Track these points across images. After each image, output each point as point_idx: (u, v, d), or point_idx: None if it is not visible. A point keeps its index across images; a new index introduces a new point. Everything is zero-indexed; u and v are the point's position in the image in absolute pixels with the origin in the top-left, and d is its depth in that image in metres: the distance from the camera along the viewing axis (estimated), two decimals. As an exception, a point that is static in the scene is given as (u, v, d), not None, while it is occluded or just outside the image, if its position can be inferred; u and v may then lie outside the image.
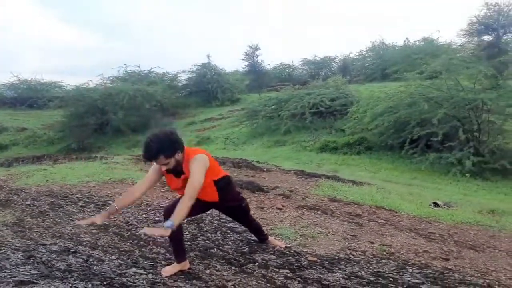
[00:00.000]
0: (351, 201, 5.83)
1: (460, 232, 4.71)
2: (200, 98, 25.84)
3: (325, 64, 35.28)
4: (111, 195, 5.16)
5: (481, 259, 3.87)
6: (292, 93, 17.76)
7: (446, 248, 4.09)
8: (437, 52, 23.14)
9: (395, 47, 28.63)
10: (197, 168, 2.84)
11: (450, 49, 24.28)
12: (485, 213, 5.57)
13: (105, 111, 20.10)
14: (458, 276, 3.41)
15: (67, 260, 3.05)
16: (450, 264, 3.69)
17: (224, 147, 16.18)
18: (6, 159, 8.64)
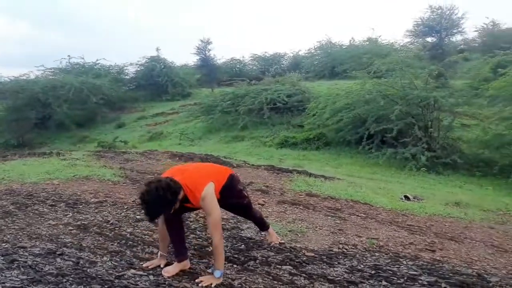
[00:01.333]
0: (328, 195, 5.89)
1: (436, 224, 4.90)
2: (149, 92, 25.04)
3: (275, 60, 35.50)
4: (79, 193, 4.81)
5: (463, 249, 4.04)
6: (248, 89, 17.71)
7: (429, 240, 4.23)
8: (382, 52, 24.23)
9: (342, 46, 29.44)
10: (210, 204, 2.79)
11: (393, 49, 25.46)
12: (451, 206, 5.86)
13: (47, 104, 18.82)
14: (448, 267, 3.52)
15: (55, 263, 2.82)
16: (438, 255, 3.81)
17: (179, 142, 15.81)
18: None
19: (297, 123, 15.32)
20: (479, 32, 23.78)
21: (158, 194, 2.51)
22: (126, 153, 8.10)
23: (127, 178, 5.83)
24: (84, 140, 17.65)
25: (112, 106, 22.24)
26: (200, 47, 26.96)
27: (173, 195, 2.60)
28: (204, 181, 2.82)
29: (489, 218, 5.28)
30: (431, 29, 25.52)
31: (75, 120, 19.50)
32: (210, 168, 3.21)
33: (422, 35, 26.28)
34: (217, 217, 2.80)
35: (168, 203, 2.59)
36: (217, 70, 29.26)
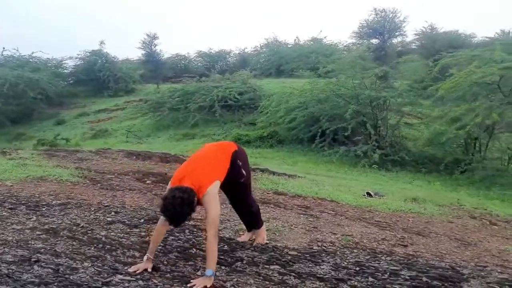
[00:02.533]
0: (295, 193, 5.92)
1: (401, 220, 5.09)
2: (90, 88, 23.92)
3: (221, 57, 35.25)
4: (38, 195, 4.43)
5: (431, 243, 4.22)
6: (198, 85, 17.43)
7: (399, 235, 4.37)
8: (326, 52, 25.03)
9: (287, 45, 29.93)
10: (210, 202, 2.85)
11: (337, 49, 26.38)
12: (410, 201, 6.13)
13: (-22, 99, 17.27)
14: (422, 261, 3.65)
15: (33, 271, 2.57)
16: (410, 250, 3.95)
17: (126, 140, 15.20)
18: None
19: (249, 121, 15.35)
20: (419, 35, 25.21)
21: (176, 210, 2.67)
22: (79, 152, 7.59)
23: (86, 178, 5.46)
24: (20, 138, 16.42)
25: (50, 101, 21.00)
26: (146, 42, 26.10)
27: (190, 206, 2.73)
28: (209, 181, 2.88)
29: (446, 213, 5.58)
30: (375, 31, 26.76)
31: (9, 116, 18.23)
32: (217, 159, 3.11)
33: (366, 36, 27.45)
34: (215, 215, 2.83)
35: (187, 214, 2.73)
36: (162, 66, 28.54)
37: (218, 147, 3.33)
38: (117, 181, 5.52)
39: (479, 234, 4.70)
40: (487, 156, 9.82)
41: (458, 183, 8.81)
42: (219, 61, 34.91)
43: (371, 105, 11.30)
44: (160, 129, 16.14)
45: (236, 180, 3.28)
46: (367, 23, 26.95)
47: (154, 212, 4.28)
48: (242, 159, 3.31)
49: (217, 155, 3.15)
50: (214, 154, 3.16)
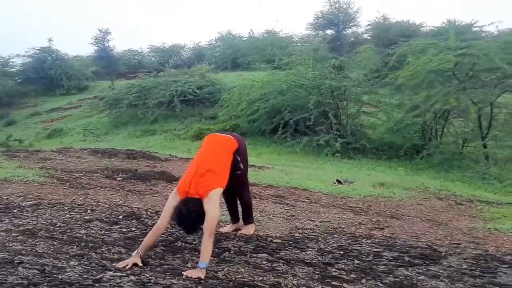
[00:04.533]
0: (267, 184, 5.98)
1: (373, 204, 5.28)
2: (40, 86, 22.82)
3: (174, 52, 34.57)
4: (6, 197, 4.20)
5: (405, 225, 4.41)
6: (156, 81, 17.06)
7: (374, 219, 4.54)
8: (281, 44, 25.27)
9: (242, 38, 29.90)
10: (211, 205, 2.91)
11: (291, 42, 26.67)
12: (378, 187, 6.37)
13: None
14: (400, 242, 3.82)
15: (18, 273, 2.47)
16: (387, 232, 4.11)
17: (84, 138, 14.67)
18: None
19: (210, 115, 15.25)
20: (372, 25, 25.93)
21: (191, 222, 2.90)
22: (40, 152, 7.23)
23: (53, 178, 5.22)
24: (-37, 141, 15.35)
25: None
26: (98, 37, 25.15)
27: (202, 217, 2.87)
28: (212, 188, 2.96)
29: (414, 196, 5.86)
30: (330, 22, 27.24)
31: (-46, 119, 16.95)
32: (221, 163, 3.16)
33: (322, 28, 27.88)
34: (214, 217, 2.89)
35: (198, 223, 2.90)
36: (116, 62, 27.64)
37: (223, 147, 3.31)
38: (86, 179, 5.33)
39: (448, 214, 4.97)
40: (443, 141, 10.35)
41: (418, 167, 9.24)
42: (173, 55, 34.20)
43: (332, 95, 11.56)
44: (118, 126, 15.68)
45: (233, 172, 3.31)
46: (322, 15, 27.40)
47: (130, 208, 4.18)
48: (242, 155, 3.40)
49: (221, 158, 3.19)
50: (219, 157, 3.19)
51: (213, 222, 2.87)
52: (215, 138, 3.48)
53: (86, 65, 25.90)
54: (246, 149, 3.58)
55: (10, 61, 23.58)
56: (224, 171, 3.12)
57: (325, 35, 26.90)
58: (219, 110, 14.33)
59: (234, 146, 3.32)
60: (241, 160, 3.36)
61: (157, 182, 5.43)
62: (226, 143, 3.34)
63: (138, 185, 5.21)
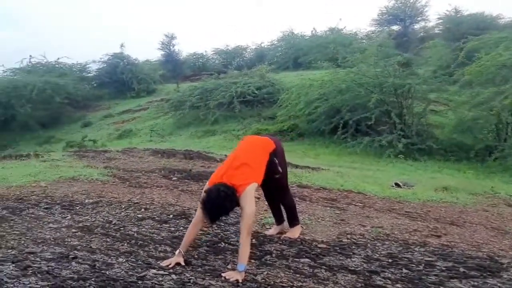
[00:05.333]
0: (320, 186, 5.86)
1: (433, 210, 4.96)
2: (113, 89, 24.27)
3: (237, 53, 35.17)
4: (71, 194, 4.54)
5: (466, 233, 4.10)
6: (217, 82, 17.49)
7: (431, 226, 4.27)
8: (345, 42, 24.62)
9: (304, 37, 29.62)
10: (246, 201, 2.90)
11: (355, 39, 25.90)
12: (441, 191, 5.97)
13: (9, 106, 17.93)
14: (458, 251, 3.56)
15: (71, 267, 2.66)
16: (444, 241, 3.85)
17: (150, 139, 15.40)
18: None
19: (268, 115, 15.31)
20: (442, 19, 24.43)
21: (218, 203, 2.77)
22: (107, 152, 7.76)
23: (115, 177, 5.57)
24: (50, 141, 16.92)
25: (76, 105, 21.55)
26: (165, 42, 26.33)
27: (231, 203, 2.84)
28: (248, 182, 2.94)
29: (480, 202, 5.41)
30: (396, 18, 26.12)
31: (39, 120, 18.85)
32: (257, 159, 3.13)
33: (387, 23, 26.83)
34: (251, 213, 2.90)
35: (227, 209, 2.84)
36: (181, 65, 28.73)
37: (259, 145, 3.31)
38: (145, 178, 5.60)
39: (517, 222, 4.55)
40: (520, 141, 9.46)
41: (491, 171, 8.52)
42: (236, 57, 34.86)
43: (395, 93, 11.07)
44: (181, 127, 16.28)
45: (272, 176, 3.30)
46: (387, 10, 26.31)
47: (181, 208, 4.32)
48: (279, 157, 3.36)
49: (257, 155, 3.17)
50: (255, 153, 3.18)
51: (250, 219, 2.87)
52: (252, 138, 3.54)
53: (154, 69, 27.20)
54: (283, 152, 3.53)
55: (87, 67, 25.51)
56: (260, 167, 3.11)
57: (390, 31, 25.79)
58: (278, 110, 14.33)
59: (271, 147, 3.29)
60: (279, 163, 3.32)
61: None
62: (263, 143, 3.35)
63: (191, 185, 5.37)
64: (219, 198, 2.76)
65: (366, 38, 26.26)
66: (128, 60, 24.78)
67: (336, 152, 11.13)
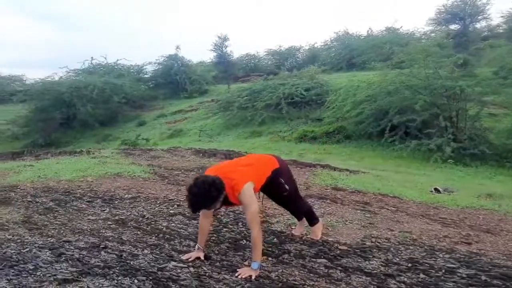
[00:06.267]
0: (355, 189, 5.83)
1: (470, 217, 4.79)
2: (168, 90, 25.28)
3: (290, 54, 35.19)
4: (113, 189, 4.89)
5: (500, 242, 3.93)
6: (265, 84, 17.69)
7: (464, 233, 4.14)
8: (402, 42, 23.81)
9: (359, 37, 29.05)
10: (247, 200, 2.88)
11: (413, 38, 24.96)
12: (484, 198, 5.73)
13: (72, 105, 19.27)
14: (486, 260, 3.44)
15: (100, 256, 2.91)
16: (474, 248, 3.73)
17: (198, 139, 15.91)
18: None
19: (316, 117, 15.24)
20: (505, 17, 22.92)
21: (204, 187, 2.70)
22: (152, 150, 8.21)
23: (156, 174, 5.90)
24: (107, 139, 18.01)
25: (132, 104, 22.66)
26: (217, 44, 26.99)
27: (217, 192, 2.76)
28: (243, 181, 2.91)
29: (525, 210, 5.14)
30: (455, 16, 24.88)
31: (98, 119, 19.99)
32: (253, 165, 3.15)
33: (445, 22, 25.64)
34: (254, 211, 2.90)
35: (211, 198, 2.76)
36: (233, 66, 29.30)
37: (260, 159, 3.35)
38: (183, 176, 5.88)
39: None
40: None
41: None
42: (289, 58, 34.95)
43: (446, 95, 10.62)
44: (229, 128, 16.65)
45: (280, 194, 3.37)
46: (446, 8, 25.10)
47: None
48: (284, 176, 3.32)
49: (254, 165, 3.17)
50: (252, 163, 3.19)
51: (255, 217, 2.89)
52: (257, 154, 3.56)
53: (208, 70, 28.03)
54: (289, 171, 3.51)
55: (143, 68, 26.83)
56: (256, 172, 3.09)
57: (448, 30, 24.59)
58: (325, 112, 14.25)
59: (274, 165, 3.26)
60: (285, 181, 3.31)
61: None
62: (266, 158, 3.37)
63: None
64: (206, 183, 2.70)
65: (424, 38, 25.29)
66: (182, 62, 25.71)
67: (382, 156, 10.90)
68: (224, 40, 27.07)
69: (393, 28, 27.72)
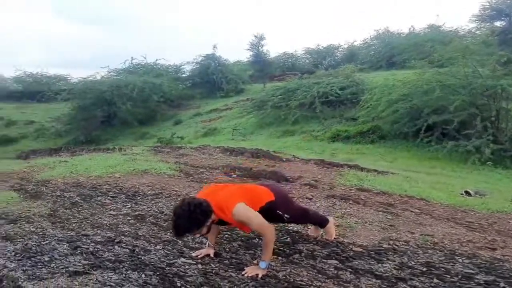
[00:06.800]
0: (380, 190, 5.71)
1: (499, 221, 4.58)
2: (204, 89, 25.66)
3: (329, 53, 34.80)
4: (138, 186, 5.06)
5: (528, 248, 3.74)
6: (299, 83, 17.58)
7: (489, 238, 3.96)
8: (445, 39, 22.92)
9: (401, 35, 28.27)
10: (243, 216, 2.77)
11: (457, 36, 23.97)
12: (518, 202, 5.44)
13: (112, 103, 19.97)
14: (509, 266, 3.28)
15: (113, 250, 3.04)
16: (498, 254, 3.56)
17: (231, 137, 16.05)
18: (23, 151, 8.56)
19: (350, 116, 14.97)
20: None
21: (189, 210, 2.59)
22: (181, 148, 8.40)
23: (181, 171, 6.05)
24: (145, 136, 18.54)
25: (170, 104, 23.21)
26: (254, 43, 27.10)
27: (203, 215, 2.65)
28: (234, 201, 2.78)
29: (561, 216, 4.84)
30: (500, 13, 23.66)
31: (137, 117, 20.59)
32: (247, 191, 3.03)
33: (489, 19, 24.45)
34: (257, 222, 2.82)
35: (197, 222, 2.64)
36: (270, 65, 29.30)
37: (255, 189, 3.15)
38: (207, 174, 5.99)
39: None
40: None
41: None
42: (327, 56, 34.57)
43: (486, 95, 10.13)
44: (263, 127, 16.68)
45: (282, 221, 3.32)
46: (490, 4, 23.89)
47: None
48: (282, 208, 3.15)
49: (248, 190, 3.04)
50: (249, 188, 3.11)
51: (261, 224, 2.82)
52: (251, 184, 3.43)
53: (244, 69, 28.23)
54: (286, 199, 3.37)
55: (181, 68, 27.42)
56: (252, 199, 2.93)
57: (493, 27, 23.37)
58: (360, 111, 13.97)
59: (269, 197, 3.05)
60: (284, 212, 3.16)
61: (266, 181, 5.74)
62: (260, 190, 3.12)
63: (248, 182, 5.61)
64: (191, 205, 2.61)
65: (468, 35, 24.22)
66: (219, 61, 26.04)
67: (417, 157, 10.55)
68: (260, 39, 27.11)
69: (435, 26, 26.75)
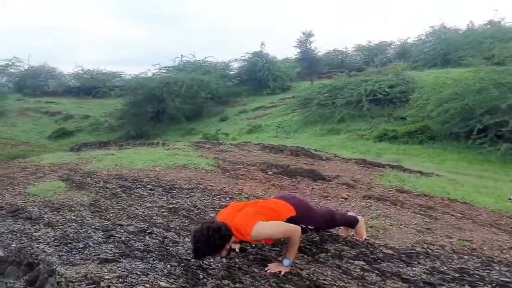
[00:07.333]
0: (421, 192, 5.52)
1: (549, 229, 4.28)
2: (251, 87, 25.81)
3: (380, 50, 33.75)
4: (176, 180, 5.24)
5: None
6: (347, 80, 17.25)
7: (535, 246, 3.72)
8: (505, 37, 21.53)
9: (458, 31, 26.89)
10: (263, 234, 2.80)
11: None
12: None
13: (162, 99, 20.60)
14: (551, 277, 3.08)
15: (144, 241, 3.16)
16: (542, 264, 3.35)
17: (275, 135, 16.07)
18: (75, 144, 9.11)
19: (399, 115, 14.48)
20: None
21: (208, 235, 2.60)
22: (221, 144, 8.56)
23: (219, 167, 6.17)
24: (191, 132, 19.00)
25: (217, 100, 23.58)
26: (301, 40, 26.91)
27: (222, 240, 2.66)
28: (252, 223, 2.76)
29: None
30: None
31: (185, 113, 21.03)
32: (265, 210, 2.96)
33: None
34: (279, 232, 2.86)
35: (215, 246, 2.65)
36: (318, 63, 28.96)
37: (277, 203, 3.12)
38: (244, 171, 6.07)
39: None
40: None
41: None
42: (378, 54, 33.58)
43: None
44: (307, 125, 16.54)
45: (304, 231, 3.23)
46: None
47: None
48: (305, 219, 3.16)
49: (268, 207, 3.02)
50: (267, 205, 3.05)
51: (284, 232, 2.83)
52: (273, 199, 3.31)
53: (292, 67, 28.10)
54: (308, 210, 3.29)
55: (229, 65, 27.80)
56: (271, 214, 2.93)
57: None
58: (409, 111, 13.50)
59: (290, 213, 3.04)
60: (307, 224, 3.19)
61: (302, 179, 5.73)
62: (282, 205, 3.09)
63: (284, 180, 5.63)
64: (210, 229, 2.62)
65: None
66: (266, 58, 26.11)
67: (468, 159, 10.04)
68: (308, 36, 26.86)
69: (494, 22, 25.15)
